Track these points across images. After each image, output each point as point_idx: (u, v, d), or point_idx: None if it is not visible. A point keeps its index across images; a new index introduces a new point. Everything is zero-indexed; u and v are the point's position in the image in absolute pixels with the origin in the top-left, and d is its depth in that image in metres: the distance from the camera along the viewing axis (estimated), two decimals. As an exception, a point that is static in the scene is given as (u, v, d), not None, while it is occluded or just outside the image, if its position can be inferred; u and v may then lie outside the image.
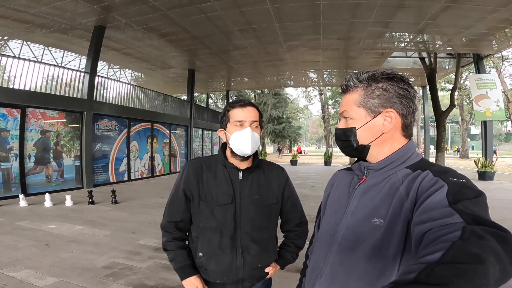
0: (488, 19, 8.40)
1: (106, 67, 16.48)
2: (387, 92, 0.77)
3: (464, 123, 29.61)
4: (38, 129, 7.57)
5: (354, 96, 0.80)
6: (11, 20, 9.07)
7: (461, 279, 0.39)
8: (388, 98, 0.77)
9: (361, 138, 0.80)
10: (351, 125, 0.81)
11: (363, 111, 0.79)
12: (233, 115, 1.19)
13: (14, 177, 6.98)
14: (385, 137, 0.79)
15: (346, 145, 0.83)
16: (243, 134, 1.15)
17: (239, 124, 1.17)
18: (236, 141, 1.17)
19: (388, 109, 0.77)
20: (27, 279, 2.82)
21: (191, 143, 15.28)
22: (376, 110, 0.78)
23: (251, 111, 1.19)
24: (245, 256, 1.20)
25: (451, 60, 14.37)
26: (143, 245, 3.92)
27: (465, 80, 21.94)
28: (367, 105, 0.78)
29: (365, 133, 0.79)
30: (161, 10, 8.28)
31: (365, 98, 0.79)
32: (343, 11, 8.44)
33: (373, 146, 0.80)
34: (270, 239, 1.29)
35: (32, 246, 3.76)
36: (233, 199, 1.20)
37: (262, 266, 1.26)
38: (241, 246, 1.20)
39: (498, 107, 11.95)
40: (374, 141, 0.79)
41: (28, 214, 5.49)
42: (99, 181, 9.35)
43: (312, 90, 32.61)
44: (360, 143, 0.80)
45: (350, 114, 0.81)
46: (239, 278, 1.21)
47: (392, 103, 0.77)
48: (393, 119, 0.77)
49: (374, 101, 0.78)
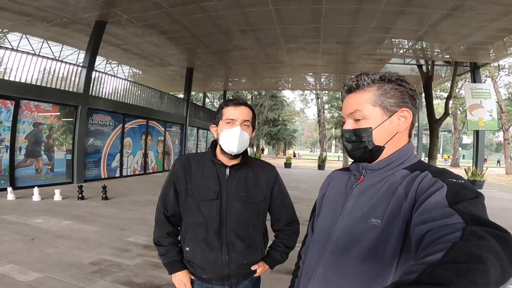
0: (488, 27, 8.47)
1: (104, 62, 16.33)
2: (401, 93, 0.77)
3: (457, 132, 29.98)
4: (31, 122, 7.43)
5: (367, 95, 0.78)
6: (12, 13, 8.96)
7: (463, 279, 0.39)
8: (402, 98, 0.77)
9: (376, 138, 0.77)
10: (365, 125, 0.78)
11: (379, 111, 0.77)
12: (225, 113, 1.20)
13: (4, 169, 6.82)
14: (397, 137, 0.78)
15: (359, 146, 0.79)
16: (232, 133, 1.17)
17: (230, 122, 1.18)
18: (224, 138, 1.18)
19: (403, 108, 0.77)
20: (10, 273, 2.73)
21: (186, 142, 15.19)
22: (392, 109, 0.77)
23: (244, 110, 1.20)
24: (230, 253, 1.20)
25: (448, 68, 14.53)
26: (132, 242, 3.85)
27: (460, 89, 22.25)
28: (383, 104, 0.77)
29: (381, 133, 0.77)
30: (163, 7, 8.23)
31: (380, 97, 0.77)
32: (344, 16, 8.47)
33: (387, 146, 0.78)
34: (257, 236, 1.28)
35: (18, 240, 3.66)
36: (219, 195, 1.21)
37: (248, 263, 1.25)
38: (227, 242, 1.20)
39: (491, 117, 12.10)
40: (388, 142, 0.78)
41: (15, 207, 5.36)
42: (90, 176, 9.20)
43: (309, 94, 32.78)
44: (376, 144, 0.78)
45: (363, 114, 0.78)
46: (224, 274, 1.21)
47: (405, 102, 0.77)
48: (407, 118, 0.77)
49: (390, 100, 0.77)
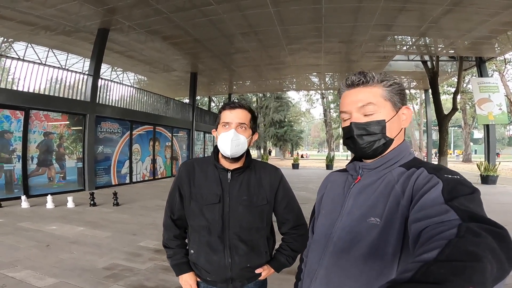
0: (490, 22, 8.40)
1: (110, 69, 16.59)
2: (402, 92, 0.81)
3: (467, 127, 29.44)
4: (41, 131, 7.62)
5: (378, 90, 0.78)
6: (16, 22, 9.19)
7: (459, 277, 0.38)
8: (404, 96, 0.81)
9: (389, 131, 0.78)
10: (377, 118, 0.77)
11: (390, 105, 0.79)
12: (222, 116, 1.21)
13: (17, 178, 7.01)
14: (401, 133, 0.81)
15: (374, 139, 0.77)
16: (226, 136, 1.18)
17: (225, 125, 1.19)
18: (220, 142, 1.20)
19: (406, 106, 0.81)
20: (26, 279, 2.82)
21: (193, 146, 15.30)
22: (399, 105, 0.79)
23: (239, 113, 1.20)
24: (233, 255, 1.21)
25: (453, 63, 14.35)
26: (143, 247, 3.92)
27: (468, 84, 21.89)
28: (392, 100, 0.79)
29: (392, 126, 0.78)
30: (164, 13, 8.35)
31: (390, 93, 0.79)
32: (345, 15, 8.47)
33: (394, 141, 0.80)
34: (261, 240, 1.28)
35: (33, 246, 3.77)
36: (221, 199, 1.22)
37: (252, 267, 1.25)
38: (229, 246, 1.21)
39: (501, 110, 11.88)
40: (396, 136, 0.80)
41: (30, 215, 5.51)
42: (101, 183, 9.36)
43: (314, 94, 32.70)
44: (389, 136, 0.78)
45: (375, 108, 0.77)
46: (228, 277, 1.22)
47: (406, 101, 0.82)
48: (408, 116, 0.81)
49: (396, 97, 0.79)
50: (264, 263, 1.30)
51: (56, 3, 7.72)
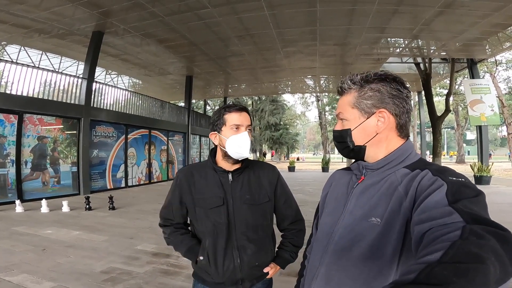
0: (481, 23, 8.57)
1: (104, 73, 16.49)
2: (380, 93, 0.78)
3: (460, 128, 29.84)
4: (35, 135, 7.53)
5: (349, 97, 0.82)
6: (9, 25, 9.09)
7: (462, 279, 0.39)
8: (381, 98, 0.78)
9: (356, 139, 0.81)
10: (347, 126, 0.82)
11: (357, 112, 0.80)
12: (229, 118, 1.21)
13: (11, 183, 6.91)
14: (380, 138, 0.79)
15: (343, 146, 0.84)
16: (242, 138, 1.19)
17: (236, 128, 1.20)
18: (233, 144, 1.19)
19: (381, 109, 0.77)
20: (24, 283, 2.78)
21: (189, 150, 15.25)
22: (369, 111, 0.79)
23: (246, 116, 1.23)
24: (242, 256, 1.22)
25: (445, 65, 14.59)
26: (141, 250, 3.89)
27: (460, 85, 22.22)
28: (360, 106, 0.79)
29: (359, 134, 0.80)
30: (160, 16, 8.35)
31: (358, 99, 0.80)
32: (339, 18, 8.58)
33: (369, 146, 0.80)
34: (267, 237, 1.31)
35: (29, 251, 3.71)
36: (225, 201, 1.22)
37: (260, 265, 1.27)
38: (237, 247, 1.22)
39: (493, 111, 12.08)
40: (369, 142, 0.80)
41: (25, 219, 5.43)
42: (96, 187, 9.27)
43: (309, 97, 32.89)
44: (356, 144, 0.81)
45: (345, 116, 0.82)
46: (238, 278, 1.23)
47: (384, 103, 0.77)
48: (386, 119, 0.77)
49: (367, 102, 0.78)
50: (271, 260, 1.32)
51: (50, 6, 7.67)
